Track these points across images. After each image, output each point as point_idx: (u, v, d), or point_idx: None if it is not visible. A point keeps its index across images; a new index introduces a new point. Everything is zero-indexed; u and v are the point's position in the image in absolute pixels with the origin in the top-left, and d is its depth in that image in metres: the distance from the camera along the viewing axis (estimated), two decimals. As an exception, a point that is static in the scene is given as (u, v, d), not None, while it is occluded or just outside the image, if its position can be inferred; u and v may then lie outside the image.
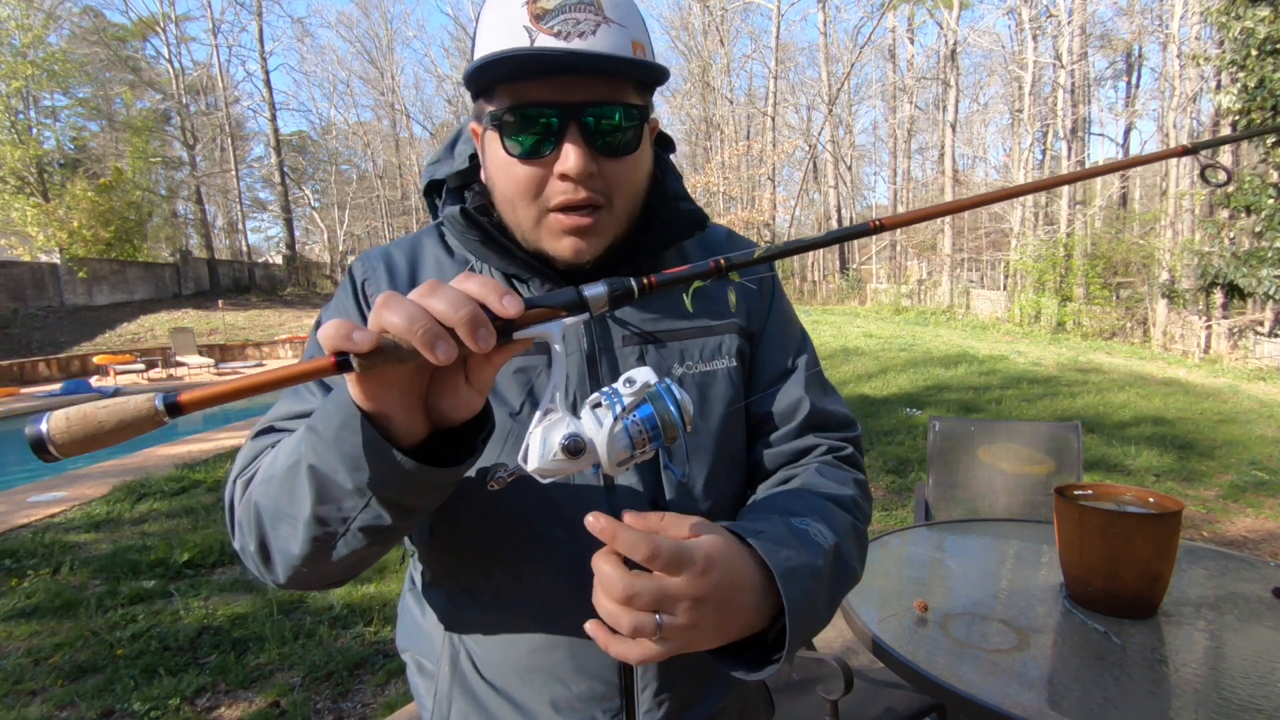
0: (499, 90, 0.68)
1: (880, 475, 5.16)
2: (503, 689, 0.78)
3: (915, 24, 30.32)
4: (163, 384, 12.76)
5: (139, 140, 25.83)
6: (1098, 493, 1.57)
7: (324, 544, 0.60)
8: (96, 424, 0.42)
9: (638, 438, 0.53)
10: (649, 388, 0.54)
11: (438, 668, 0.82)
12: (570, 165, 0.66)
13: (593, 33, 0.64)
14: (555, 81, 0.65)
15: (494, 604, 0.77)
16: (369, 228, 39.28)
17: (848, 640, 2.70)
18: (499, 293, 0.47)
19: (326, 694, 2.56)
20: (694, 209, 0.81)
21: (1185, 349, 15.57)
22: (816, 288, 30.37)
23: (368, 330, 0.45)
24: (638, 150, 0.71)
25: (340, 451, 0.53)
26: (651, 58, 0.70)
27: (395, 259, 0.79)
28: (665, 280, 0.52)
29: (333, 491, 0.56)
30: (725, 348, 0.82)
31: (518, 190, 0.70)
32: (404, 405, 0.51)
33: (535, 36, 0.63)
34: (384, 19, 37.08)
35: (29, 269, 17.12)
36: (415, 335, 0.44)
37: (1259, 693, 1.15)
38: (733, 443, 0.82)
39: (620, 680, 0.77)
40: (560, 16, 0.63)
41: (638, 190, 0.74)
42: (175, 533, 4.23)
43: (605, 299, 0.50)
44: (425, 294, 0.46)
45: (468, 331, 0.45)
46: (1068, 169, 21.78)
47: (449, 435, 0.56)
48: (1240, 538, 4.16)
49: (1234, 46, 9.57)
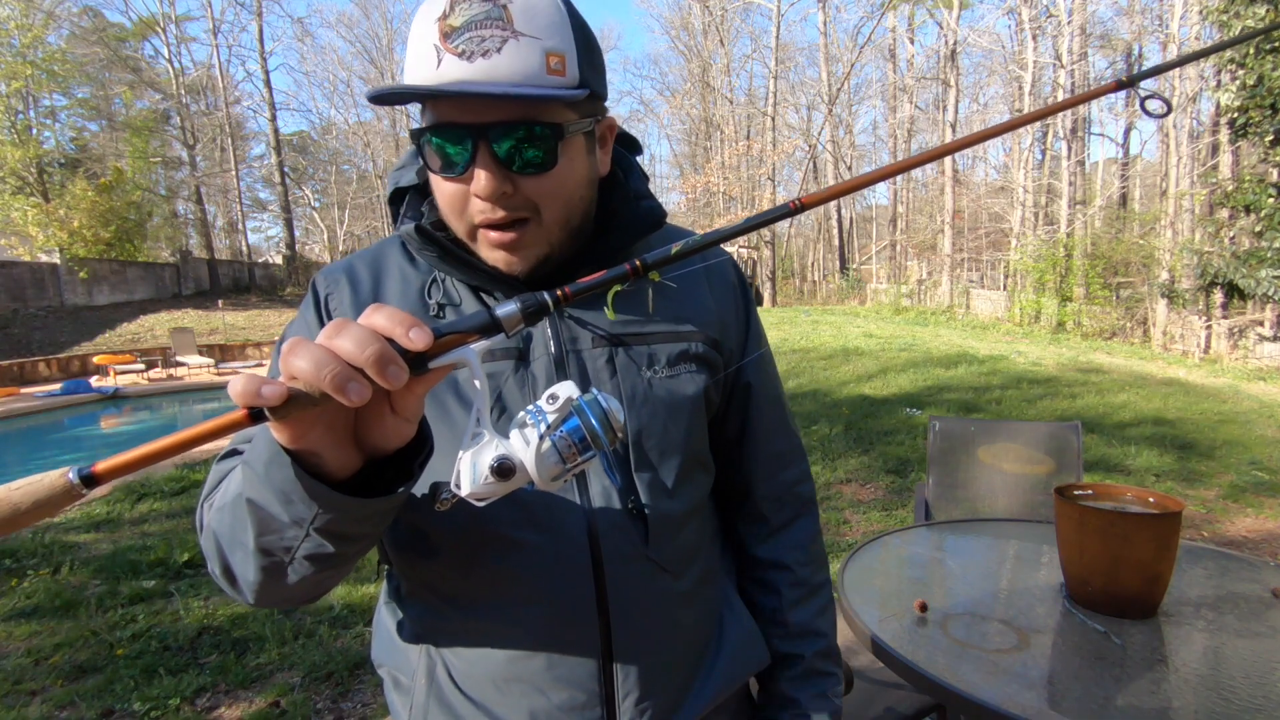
0: (425, 104, 0.68)
1: (880, 475, 5.16)
2: (480, 701, 0.77)
3: (915, 24, 30.32)
4: (163, 383, 12.77)
5: (139, 140, 25.82)
6: (1098, 493, 1.57)
7: (275, 571, 0.60)
8: (11, 507, 0.42)
9: (567, 452, 0.53)
10: (572, 402, 0.54)
11: (413, 682, 0.81)
12: (480, 188, 0.66)
13: (497, 50, 0.62)
14: (463, 102, 0.65)
15: (470, 612, 0.76)
16: (369, 228, 39.26)
17: (848, 640, 2.69)
18: (406, 325, 0.46)
19: (326, 694, 2.56)
20: (653, 205, 0.81)
21: (1185, 349, 15.57)
22: (816, 287, 30.37)
23: (277, 383, 0.44)
24: (558, 165, 0.68)
25: (271, 486, 0.54)
26: (576, 64, 0.66)
27: (358, 271, 0.79)
28: (580, 290, 0.51)
29: (271, 524, 0.56)
30: (693, 351, 0.82)
31: (447, 206, 0.71)
32: (330, 441, 0.52)
33: (442, 56, 0.63)
34: (384, 19, 37.04)
35: (29, 269, 17.12)
36: (324, 381, 0.44)
37: (1259, 693, 1.15)
38: (699, 443, 0.83)
39: (601, 689, 0.76)
40: (465, 35, 0.62)
41: (569, 200, 0.72)
42: (175, 533, 4.23)
43: (519, 316, 0.49)
44: (332, 335, 0.46)
45: (376, 371, 0.45)
46: (1067, 169, 21.79)
47: (389, 460, 0.56)
48: (1240, 538, 4.16)
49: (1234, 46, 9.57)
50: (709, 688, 0.83)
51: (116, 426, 10.43)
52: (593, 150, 0.75)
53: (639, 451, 0.77)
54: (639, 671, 0.76)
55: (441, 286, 0.78)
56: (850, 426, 6.45)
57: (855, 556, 1.74)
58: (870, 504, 4.55)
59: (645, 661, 0.77)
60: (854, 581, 1.61)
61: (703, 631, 0.84)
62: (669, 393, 0.79)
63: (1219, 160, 17.13)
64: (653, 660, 0.77)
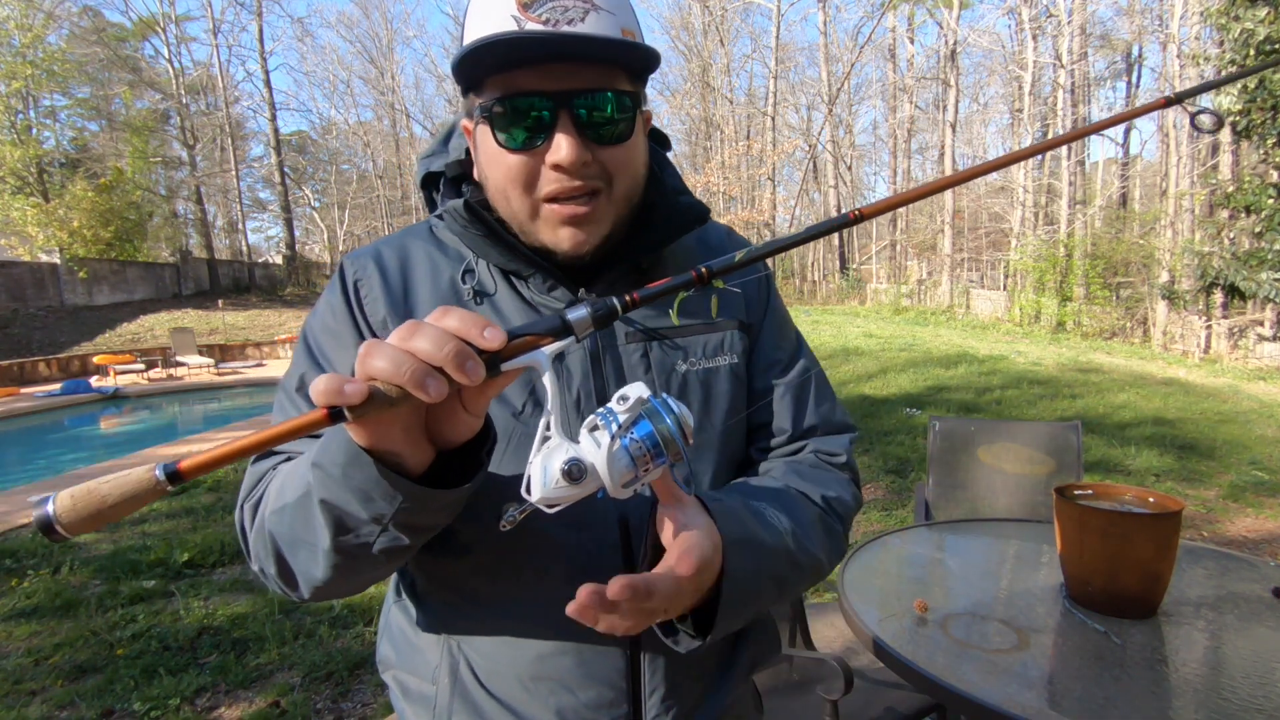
0: (488, 82, 0.67)
1: (880, 475, 5.16)
2: (506, 700, 0.76)
3: (915, 24, 30.33)
4: (163, 383, 12.76)
5: (139, 140, 25.81)
6: (1098, 493, 1.57)
7: (346, 567, 0.61)
8: (100, 499, 0.42)
9: (639, 456, 0.52)
10: (644, 403, 0.53)
11: (434, 683, 0.79)
12: (563, 155, 0.65)
13: (581, 19, 0.63)
14: (544, 70, 0.64)
15: (499, 610, 0.76)
16: (369, 228, 39.25)
17: (848, 640, 2.70)
18: (480, 326, 0.47)
19: (326, 694, 2.56)
20: (694, 202, 0.80)
21: (1185, 349, 15.57)
22: (816, 287, 30.36)
23: (357, 382, 0.45)
24: (632, 137, 0.69)
25: (350, 486, 0.54)
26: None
27: (386, 259, 0.78)
28: (649, 296, 0.52)
29: (348, 523, 0.57)
30: (728, 344, 0.81)
31: (511, 182, 0.69)
32: (407, 440, 0.53)
33: (523, 24, 0.62)
34: (384, 19, 37.06)
35: (29, 269, 17.11)
36: (404, 379, 0.45)
37: (1259, 693, 1.14)
38: (735, 440, 0.82)
39: (628, 686, 0.75)
40: (548, 4, 0.62)
41: (636, 176, 0.73)
42: (175, 533, 4.23)
43: (589, 321, 0.50)
44: (407, 336, 0.47)
45: (455, 367, 0.46)
46: (1067, 169, 21.79)
47: (454, 452, 0.57)
48: (1240, 538, 4.16)
49: (1234, 47, 9.57)
50: (730, 681, 0.83)
51: (116, 427, 10.43)
52: (645, 132, 0.75)
53: (673, 466, 0.76)
54: (665, 667, 0.76)
55: (476, 274, 0.77)
56: (850, 426, 6.44)
57: (855, 556, 1.74)
58: (870, 504, 4.55)
59: (672, 657, 0.76)
60: (854, 581, 1.61)
61: None
62: (704, 386, 0.79)
63: (1219, 160, 17.12)
64: (679, 656, 0.77)
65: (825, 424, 0.86)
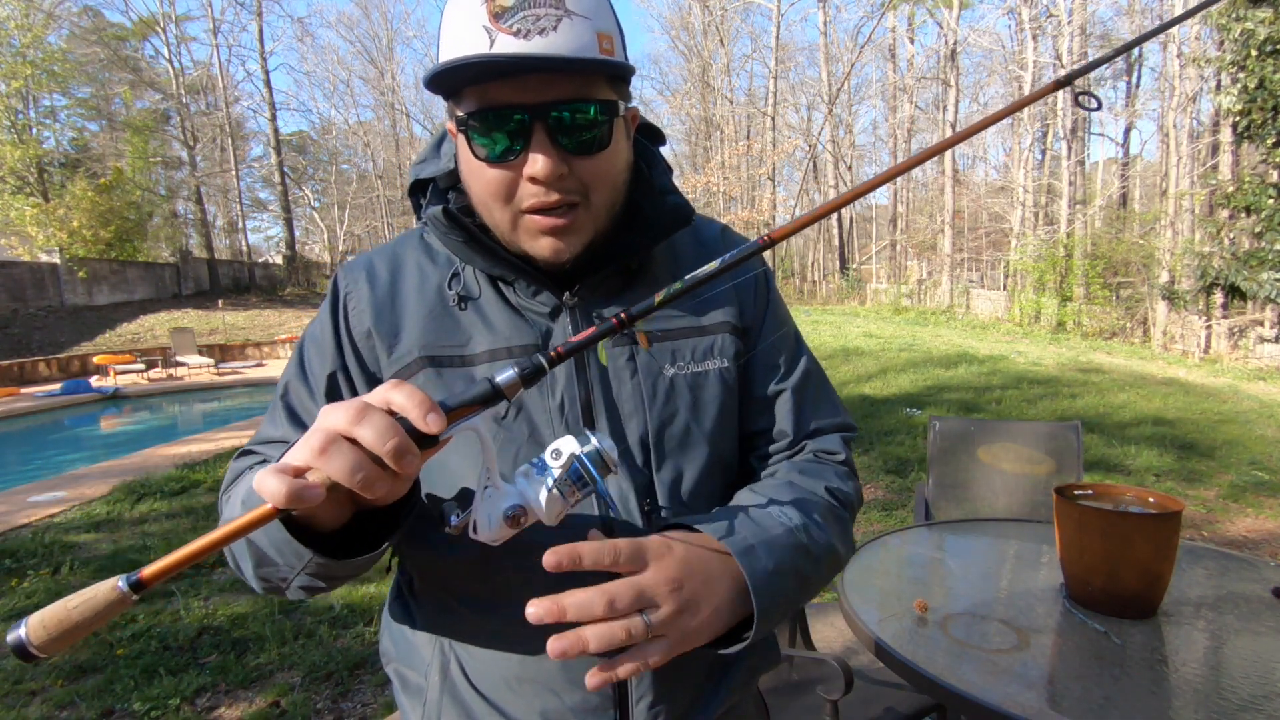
0: (465, 92, 0.66)
1: (880, 475, 5.16)
2: (493, 699, 0.76)
3: (915, 24, 30.33)
4: (163, 383, 12.77)
5: (139, 140, 25.81)
6: (1098, 493, 1.57)
7: (273, 591, 0.67)
8: (72, 624, 0.45)
9: (568, 492, 0.58)
10: (575, 457, 0.59)
11: (425, 679, 0.80)
12: (539, 169, 0.65)
13: (554, 29, 0.62)
14: (519, 82, 0.64)
15: (486, 611, 0.76)
16: (369, 228, 39.27)
17: (848, 640, 2.70)
18: (424, 409, 0.50)
19: (326, 694, 2.56)
20: (680, 202, 0.79)
21: (1185, 349, 15.58)
22: (816, 287, 30.37)
23: (316, 487, 0.49)
24: (610, 146, 0.69)
25: (267, 535, 0.59)
26: (621, 48, 0.68)
27: (376, 269, 0.79)
28: (571, 349, 0.56)
29: (266, 560, 0.63)
30: (718, 348, 0.80)
31: (490, 193, 0.69)
32: (332, 512, 0.58)
33: (494, 36, 0.62)
34: (384, 19, 37.08)
35: (29, 269, 17.11)
36: (355, 483, 0.49)
37: (1259, 693, 1.14)
38: (725, 443, 0.81)
39: (614, 692, 0.75)
40: (519, 14, 0.61)
41: (616, 184, 0.72)
42: (175, 533, 4.23)
43: (517, 382, 0.53)
44: (355, 420, 0.49)
45: (394, 461, 0.49)
46: (1067, 169, 21.79)
47: (377, 511, 0.61)
48: (1240, 538, 4.16)
49: (1234, 47, 9.58)
50: (723, 690, 0.82)
51: (116, 427, 10.43)
52: (627, 135, 0.75)
53: (659, 452, 0.76)
54: (653, 674, 0.75)
55: (462, 279, 0.78)
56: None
57: (855, 556, 1.74)
58: (870, 504, 4.55)
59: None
60: (854, 581, 1.61)
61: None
62: (692, 390, 0.78)
63: (1219, 160, 17.13)
64: (666, 664, 0.77)
65: (826, 425, 0.86)
